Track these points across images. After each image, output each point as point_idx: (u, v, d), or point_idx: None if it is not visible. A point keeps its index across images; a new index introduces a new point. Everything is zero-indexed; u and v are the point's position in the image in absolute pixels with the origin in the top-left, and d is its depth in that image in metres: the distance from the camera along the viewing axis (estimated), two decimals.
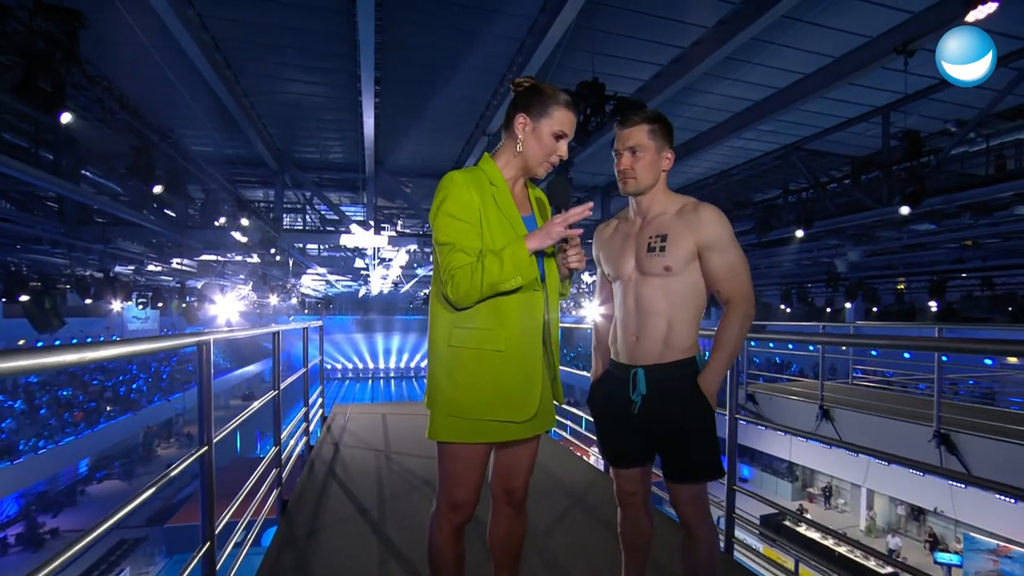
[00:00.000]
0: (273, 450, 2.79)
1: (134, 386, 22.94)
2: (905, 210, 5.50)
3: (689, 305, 1.54)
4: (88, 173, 6.60)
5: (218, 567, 1.67)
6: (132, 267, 11.97)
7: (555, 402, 1.54)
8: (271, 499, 2.69)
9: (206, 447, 1.54)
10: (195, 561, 1.49)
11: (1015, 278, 12.28)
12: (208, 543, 1.57)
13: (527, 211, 1.48)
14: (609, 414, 1.66)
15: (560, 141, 1.40)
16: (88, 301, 9.83)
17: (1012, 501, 6.36)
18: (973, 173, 7.06)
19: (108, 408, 19.81)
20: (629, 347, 1.58)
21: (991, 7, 2.62)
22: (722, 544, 2.30)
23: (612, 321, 1.70)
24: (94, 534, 0.97)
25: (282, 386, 2.94)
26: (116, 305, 11.58)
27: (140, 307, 15.28)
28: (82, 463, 18.43)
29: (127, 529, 13.38)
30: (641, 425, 1.56)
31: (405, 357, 43.03)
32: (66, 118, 3.51)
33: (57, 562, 0.81)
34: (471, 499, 1.42)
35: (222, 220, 7.70)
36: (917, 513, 10.41)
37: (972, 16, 2.71)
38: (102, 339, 24.39)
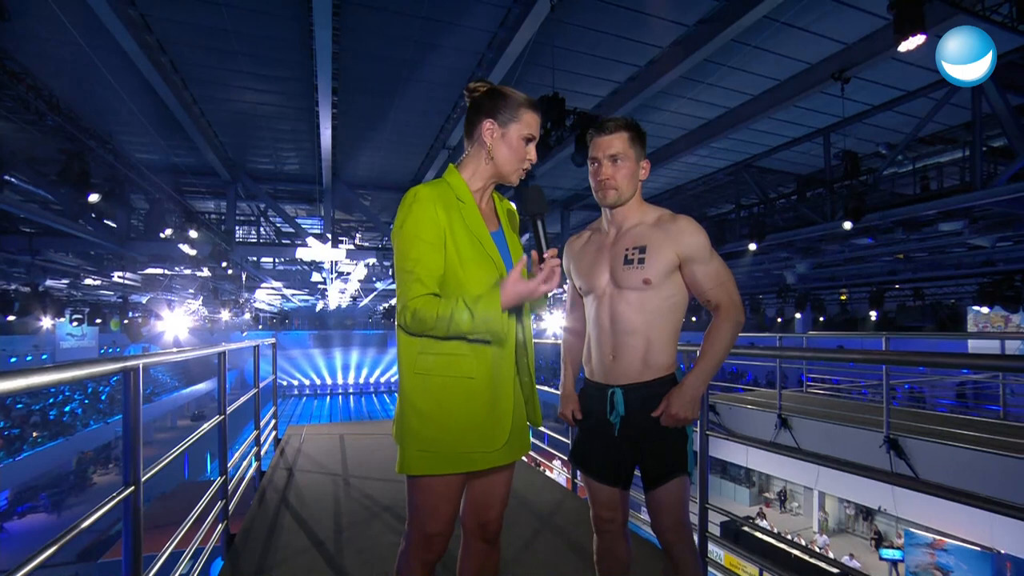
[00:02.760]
0: (219, 479, 2.59)
1: (67, 409, 21.17)
2: (848, 225, 5.84)
3: (667, 320, 1.46)
4: (13, 179, 6.09)
5: None
6: (66, 281, 11.14)
7: (532, 424, 1.46)
8: (216, 532, 2.49)
9: (132, 487, 1.34)
10: None
11: (941, 289, 13.36)
12: None
13: (495, 226, 1.40)
14: (587, 435, 1.58)
15: (530, 144, 1.35)
16: (11, 318, 9.02)
17: None
18: (903, 192, 7.63)
19: (35, 434, 18.16)
20: (605, 366, 1.50)
21: (920, 39, 2.81)
22: None
23: (583, 337, 1.62)
24: None
25: (230, 409, 2.76)
26: (46, 322, 10.72)
27: (75, 324, 14.19)
28: (1, 496, 16.77)
29: (52, 568, 12.19)
30: (622, 447, 1.49)
31: (364, 372, 41.98)
32: None
33: None
34: (445, 530, 1.33)
35: (168, 232, 7.28)
36: (865, 513, 10.91)
37: (903, 47, 2.89)
38: (29, 359, 22.41)
